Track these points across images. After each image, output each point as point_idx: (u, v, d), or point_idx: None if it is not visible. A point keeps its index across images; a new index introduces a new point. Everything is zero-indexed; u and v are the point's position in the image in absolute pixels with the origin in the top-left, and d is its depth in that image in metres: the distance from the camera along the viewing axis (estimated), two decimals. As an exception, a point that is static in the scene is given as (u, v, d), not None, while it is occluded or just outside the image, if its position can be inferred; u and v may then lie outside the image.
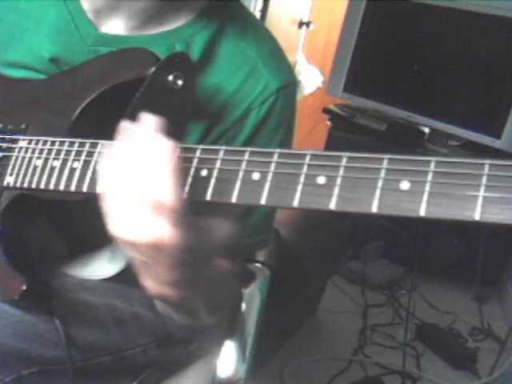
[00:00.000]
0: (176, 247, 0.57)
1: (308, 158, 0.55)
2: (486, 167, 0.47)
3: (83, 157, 0.70)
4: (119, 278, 0.88)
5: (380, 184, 0.51)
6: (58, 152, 0.73)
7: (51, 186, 0.72)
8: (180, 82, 0.72)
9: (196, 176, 0.60)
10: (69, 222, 0.84)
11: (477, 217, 0.46)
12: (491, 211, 0.46)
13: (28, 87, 0.85)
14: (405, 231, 2.43)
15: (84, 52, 0.82)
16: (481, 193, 0.46)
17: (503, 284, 2.67)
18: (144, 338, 0.92)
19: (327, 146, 2.71)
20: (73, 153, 0.71)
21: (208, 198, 0.58)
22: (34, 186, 0.74)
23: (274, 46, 0.88)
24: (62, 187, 0.71)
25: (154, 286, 0.63)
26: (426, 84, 2.53)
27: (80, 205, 0.74)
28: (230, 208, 0.59)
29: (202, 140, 0.79)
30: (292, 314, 2.06)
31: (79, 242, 0.89)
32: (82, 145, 0.71)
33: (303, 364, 2.06)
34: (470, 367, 2.18)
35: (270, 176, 0.56)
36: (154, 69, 0.73)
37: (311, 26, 3.06)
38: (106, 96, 0.76)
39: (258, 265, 1.09)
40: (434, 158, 0.49)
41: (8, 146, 0.79)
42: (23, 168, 0.76)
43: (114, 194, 0.58)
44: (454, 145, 2.59)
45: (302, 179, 0.54)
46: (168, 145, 0.57)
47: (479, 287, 2.55)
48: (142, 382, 0.93)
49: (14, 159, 0.78)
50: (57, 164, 0.72)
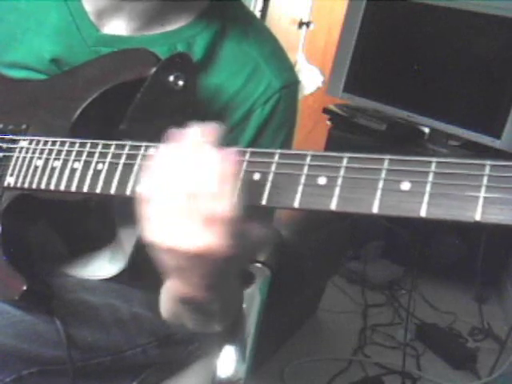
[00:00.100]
0: (221, 255, 0.55)
1: (309, 158, 0.55)
2: (487, 168, 0.47)
3: (84, 157, 0.70)
4: (119, 278, 0.87)
5: (381, 184, 0.51)
6: (59, 152, 0.73)
7: (52, 187, 0.72)
8: (181, 83, 0.72)
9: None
10: (69, 222, 0.84)
11: (477, 217, 0.46)
12: (492, 212, 0.46)
13: (28, 87, 0.85)
14: (405, 231, 2.43)
15: (85, 53, 0.82)
16: (481, 193, 0.46)
17: (503, 284, 2.67)
18: (144, 338, 0.92)
19: (327, 146, 2.70)
20: (73, 153, 0.71)
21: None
22: (34, 186, 0.74)
23: (276, 45, 0.88)
24: (62, 188, 0.71)
25: (183, 289, 0.61)
26: (426, 84, 2.53)
27: (80, 205, 0.74)
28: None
29: None
30: (292, 314, 2.06)
31: (79, 242, 0.89)
32: (82, 145, 0.71)
33: (303, 364, 2.06)
34: (469, 367, 2.18)
35: (270, 176, 0.56)
36: (154, 69, 0.72)
37: (311, 26, 3.05)
38: (106, 96, 0.76)
39: (258, 265, 1.09)
40: (435, 159, 0.49)
41: (8, 147, 0.80)
42: (24, 168, 0.76)
43: (162, 200, 0.56)
44: (453, 145, 2.59)
45: (302, 180, 0.54)
46: (225, 154, 0.55)
47: (479, 287, 2.55)
48: (142, 382, 0.93)
49: (14, 159, 0.78)
50: (57, 164, 0.72)
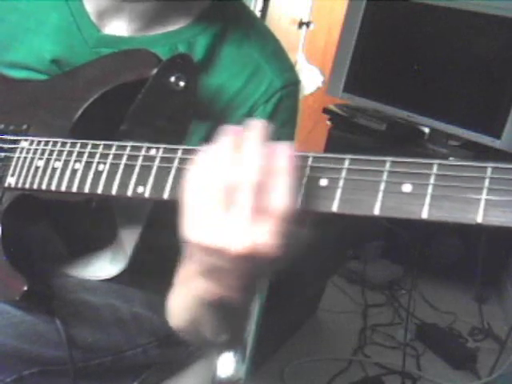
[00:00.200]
0: (266, 256, 0.53)
1: (310, 160, 0.55)
2: (489, 170, 0.47)
3: (85, 158, 0.70)
4: (120, 278, 0.87)
5: (382, 186, 0.51)
6: (60, 153, 0.73)
7: (53, 187, 0.72)
8: (182, 84, 0.72)
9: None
10: (70, 222, 0.84)
11: (479, 220, 0.46)
12: (493, 214, 0.46)
13: (29, 88, 0.85)
14: (405, 231, 2.43)
15: (86, 53, 0.82)
16: (483, 196, 0.46)
17: (503, 284, 2.67)
18: (144, 339, 0.92)
19: (327, 146, 2.70)
20: (74, 154, 0.71)
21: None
22: (35, 186, 0.74)
23: (277, 46, 0.88)
24: (63, 188, 0.71)
25: (215, 290, 0.59)
26: (426, 84, 2.53)
27: (81, 205, 0.74)
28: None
29: (206, 141, 0.78)
30: (292, 314, 2.06)
31: (80, 242, 0.89)
32: (83, 146, 0.71)
33: (303, 364, 2.06)
34: (469, 367, 2.18)
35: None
36: (155, 70, 0.72)
37: (311, 26, 3.05)
38: (107, 97, 0.76)
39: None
40: (437, 161, 0.49)
41: (9, 147, 0.80)
42: (25, 169, 0.76)
43: (210, 197, 0.54)
44: (454, 145, 2.59)
45: (304, 182, 0.54)
46: (285, 150, 0.53)
47: (479, 287, 2.55)
48: (143, 382, 0.93)
49: (15, 160, 0.78)
50: (58, 165, 0.72)
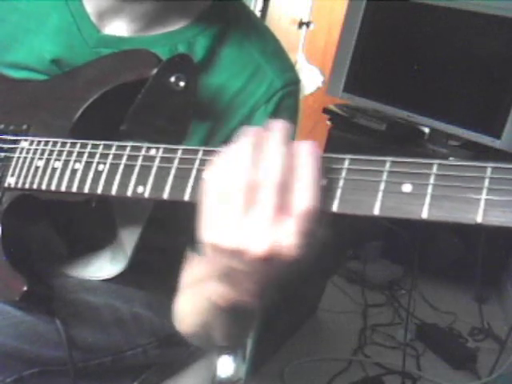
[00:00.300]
0: (286, 258, 0.52)
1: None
2: (489, 170, 0.47)
3: (85, 158, 0.70)
4: (120, 278, 0.87)
5: (382, 186, 0.51)
6: (60, 153, 0.73)
7: (53, 187, 0.72)
8: (182, 84, 0.72)
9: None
10: (70, 222, 0.84)
11: (479, 220, 0.46)
12: (493, 214, 0.46)
13: (29, 88, 0.85)
14: (405, 231, 2.42)
15: (86, 53, 0.82)
16: (483, 196, 0.46)
17: (503, 284, 2.67)
18: (144, 339, 0.92)
19: (327, 146, 2.70)
20: (74, 154, 0.71)
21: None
22: (35, 186, 0.74)
23: (277, 46, 0.87)
24: (63, 188, 0.71)
25: (231, 295, 0.59)
26: (426, 84, 2.53)
27: (81, 205, 0.74)
28: None
29: (206, 141, 0.78)
30: (292, 314, 2.06)
31: (80, 242, 0.89)
32: (83, 146, 0.71)
33: (303, 364, 2.06)
34: (469, 367, 2.18)
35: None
36: (155, 70, 0.72)
37: (311, 26, 3.05)
38: (107, 97, 0.76)
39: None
40: (437, 161, 0.49)
41: (9, 147, 0.80)
42: (25, 169, 0.76)
43: (231, 196, 0.53)
44: (453, 145, 2.59)
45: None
46: (308, 148, 0.52)
47: (479, 287, 2.55)
48: (143, 383, 0.93)
49: (15, 160, 0.78)
50: (58, 165, 0.72)
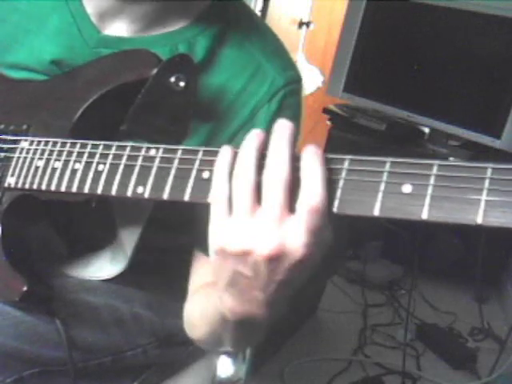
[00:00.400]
0: (295, 261, 0.53)
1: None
2: (489, 171, 0.47)
3: (85, 158, 0.70)
4: (120, 278, 0.87)
5: (382, 187, 0.51)
6: (60, 153, 0.73)
7: (52, 187, 0.72)
8: (182, 84, 0.72)
9: None
10: (70, 222, 0.84)
11: (479, 220, 0.46)
12: (494, 215, 0.46)
13: (29, 88, 0.85)
14: (405, 231, 2.43)
15: (86, 54, 0.82)
16: (483, 196, 0.46)
17: (503, 284, 2.67)
18: (144, 339, 0.92)
19: (327, 146, 2.70)
20: (74, 154, 0.71)
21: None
22: (35, 186, 0.74)
23: (278, 44, 0.87)
24: (63, 188, 0.71)
25: (239, 306, 0.59)
26: (426, 84, 2.53)
27: (81, 206, 0.74)
28: None
29: (208, 142, 0.78)
30: (292, 314, 2.06)
31: (80, 242, 0.89)
32: (83, 146, 0.71)
33: (303, 364, 2.06)
34: (469, 367, 2.18)
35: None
36: (155, 70, 0.72)
37: (311, 26, 3.05)
38: (107, 97, 0.76)
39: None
40: (437, 162, 0.49)
41: (9, 147, 0.80)
42: (24, 169, 0.76)
43: (239, 201, 0.53)
44: (453, 145, 2.59)
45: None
46: (314, 148, 0.53)
47: (479, 287, 2.55)
48: (143, 383, 0.93)
49: (15, 160, 0.78)
50: (58, 165, 0.72)
